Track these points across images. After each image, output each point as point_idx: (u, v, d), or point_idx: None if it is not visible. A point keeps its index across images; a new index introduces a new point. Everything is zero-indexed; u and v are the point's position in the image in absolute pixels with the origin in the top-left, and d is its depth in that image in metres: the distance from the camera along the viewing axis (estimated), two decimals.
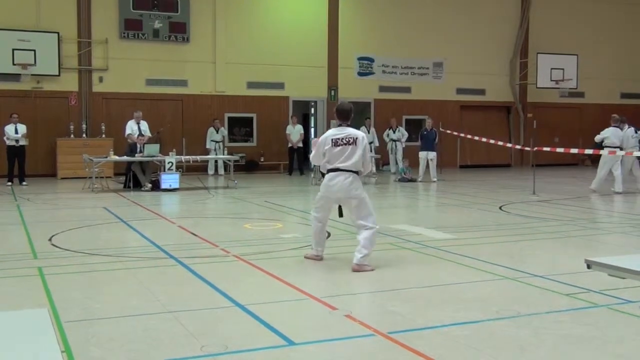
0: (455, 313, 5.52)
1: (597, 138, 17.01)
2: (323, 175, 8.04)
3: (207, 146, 22.10)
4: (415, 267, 7.40)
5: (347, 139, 7.38)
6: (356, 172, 7.42)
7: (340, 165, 7.36)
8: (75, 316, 5.45)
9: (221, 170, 22.20)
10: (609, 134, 16.72)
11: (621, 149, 16.43)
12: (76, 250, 8.35)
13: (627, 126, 17.35)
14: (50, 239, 9.19)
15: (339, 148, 7.39)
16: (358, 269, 7.17)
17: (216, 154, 21.71)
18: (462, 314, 5.51)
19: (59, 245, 8.76)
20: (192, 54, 22.67)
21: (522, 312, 5.57)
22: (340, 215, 7.68)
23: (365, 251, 7.27)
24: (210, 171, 22.26)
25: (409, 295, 6.12)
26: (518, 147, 22.21)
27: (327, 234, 8.97)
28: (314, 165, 19.33)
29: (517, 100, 27.44)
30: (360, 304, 5.87)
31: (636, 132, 17.43)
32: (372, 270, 7.20)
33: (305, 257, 7.89)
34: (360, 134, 7.48)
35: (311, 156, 7.83)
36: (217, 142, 22.16)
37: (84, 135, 20.77)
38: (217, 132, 22.23)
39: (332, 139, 7.41)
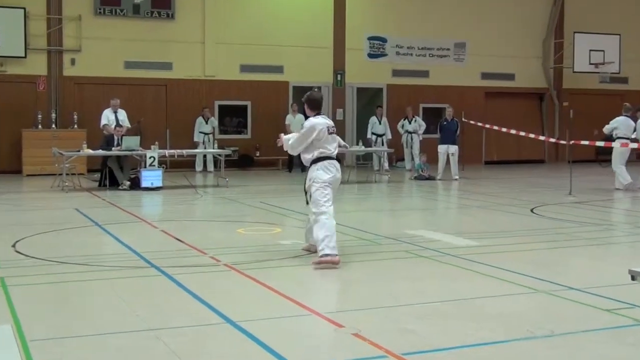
0: (478, 332, 5.51)
1: (607, 129, 17.27)
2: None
3: (195, 139, 22.11)
4: (433, 279, 7.39)
5: (333, 127, 8.47)
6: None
7: (333, 153, 8.46)
8: (42, 334, 5.45)
9: (210, 167, 22.21)
10: (618, 124, 17.01)
11: (636, 140, 16.63)
12: (44, 258, 8.36)
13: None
14: (14, 245, 9.19)
15: (332, 136, 8.44)
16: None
17: (205, 148, 21.72)
18: (486, 333, 5.50)
19: (23, 252, 8.76)
20: (177, 33, 22.67)
21: (556, 330, 5.56)
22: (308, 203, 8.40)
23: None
24: (198, 167, 22.28)
25: (425, 311, 6.10)
26: (552, 140, 22.21)
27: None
28: None
29: (551, 86, 27.40)
30: (370, 321, 5.86)
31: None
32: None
33: (320, 263, 7.80)
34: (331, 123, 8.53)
35: (291, 143, 8.55)
36: (206, 134, 22.17)
37: (54, 125, 20.78)
38: (207, 122, 22.25)
39: (327, 128, 8.35)
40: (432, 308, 6.21)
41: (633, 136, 16.86)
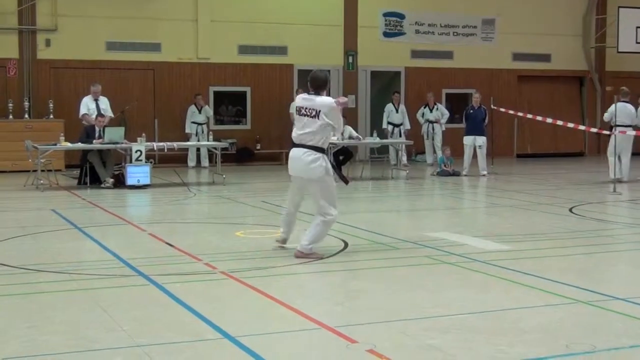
0: (510, 348, 5.51)
1: (606, 116, 17.91)
2: (336, 167, 10.02)
3: (187, 130, 22.15)
4: (459, 288, 7.40)
5: (310, 110, 8.73)
6: (319, 150, 8.74)
7: (296, 138, 8.84)
8: (15, 351, 5.47)
9: (205, 162, 22.25)
10: (615, 110, 17.47)
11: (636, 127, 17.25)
12: (17, 266, 8.39)
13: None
14: None
15: (300, 118, 8.83)
16: (300, 255, 8.71)
17: (198, 140, 21.75)
18: (520, 348, 5.50)
19: None
20: (166, 10, 22.72)
21: (598, 346, 5.56)
22: None
23: (309, 240, 8.73)
24: (191, 162, 22.33)
25: (450, 324, 6.11)
26: (593, 130, 22.13)
27: (344, 245, 9.04)
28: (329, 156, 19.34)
29: (592, 68, 27.34)
30: (386, 336, 5.87)
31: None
32: (321, 258, 8.66)
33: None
34: (327, 103, 8.69)
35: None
36: (199, 124, 22.21)
37: (26, 115, 20.84)
38: (200, 111, 22.29)
39: (297, 107, 8.87)
40: (457, 321, 6.21)
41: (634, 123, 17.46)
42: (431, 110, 23.02)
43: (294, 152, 8.90)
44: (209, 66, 23.21)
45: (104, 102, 18.01)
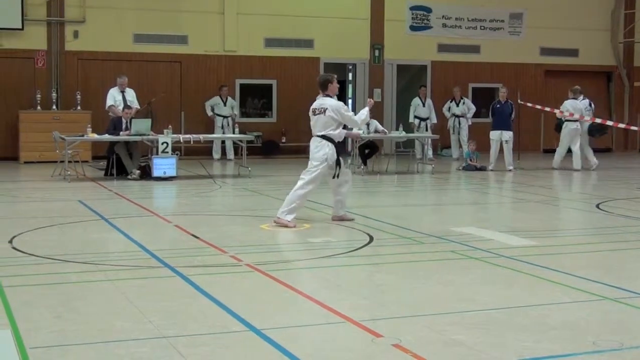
0: (537, 344, 5.49)
1: (557, 113, 20.02)
2: (363, 160, 12.49)
3: (209, 112, 22.06)
4: (485, 283, 7.38)
5: (320, 109, 10.57)
6: (328, 139, 10.55)
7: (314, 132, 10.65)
8: (44, 341, 5.51)
9: (230, 154, 22.28)
10: (567, 107, 19.55)
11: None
12: (44, 256, 8.44)
13: (581, 97, 20.10)
14: (10, 241, 9.29)
15: (314, 117, 10.64)
16: (278, 221, 10.31)
17: (224, 133, 21.79)
18: (545, 345, 5.48)
19: (22, 249, 8.85)
20: (193, 2, 22.75)
21: (626, 343, 5.52)
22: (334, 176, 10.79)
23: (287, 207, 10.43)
24: (216, 155, 22.37)
25: (476, 320, 6.10)
26: (621, 125, 21.98)
27: (369, 238, 9.05)
28: (352, 149, 19.34)
29: (620, 64, 27.13)
30: (412, 330, 5.86)
31: (590, 105, 20.53)
32: (294, 227, 10.14)
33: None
34: (330, 104, 10.55)
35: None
36: (224, 117, 22.23)
37: (54, 107, 20.96)
38: (225, 103, 22.30)
39: (312, 109, 10.68)
40: (483, 317, 6.20)
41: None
42: (457, 105, 22.95)
43: (314, 141, 10.70)
44: (235, 59, 23.23)
45: (131, 94, 18.06)
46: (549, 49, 26.28)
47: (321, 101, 10.64)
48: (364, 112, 10.98)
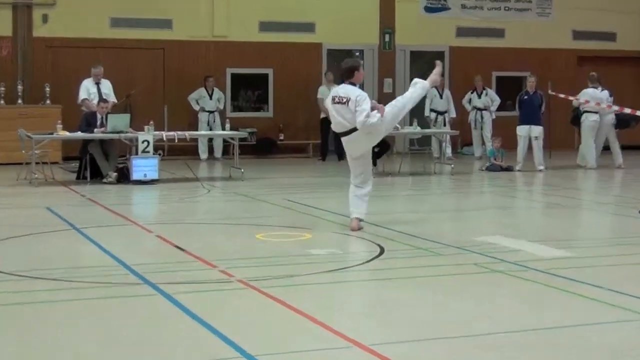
0: None
1: (576, 103, 20.21)
2: (372, 160, 12.54)
3: (194, 107, 22.06)
4: (512, 300, 7.33)
5: (344, 98, 10.51)
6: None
7: (339, 127, 10.70)
8: None
9: (218, 153, 22.24)
10: (587, 96, 19.67)
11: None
12: (8, 272, 8.40)
13: (600, 88, 20.24)
14: None
15: (334, 106, 10.65)
16: (357, 225, 10.77)
17: (210, 129, 21.77)
18: None
19: None
20: None
21: None
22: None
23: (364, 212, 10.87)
24: (203, 154, 22.31)
25: (502, 342, 6.06)
26: None
27: (379, 250, 9.00)
28: None
29: None
30: (428, 355, 5.82)
31: (610, 97, 20.46)
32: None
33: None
34: (355, 94, 10.42)
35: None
36: (210, 112, 22.18)
37: (20, 101, 20.94)
38: (211, 96, 22.25)
39: (332, 96, 10.72)
40: (510, 338, 6.16)
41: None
42: (479, 96, 22.92)
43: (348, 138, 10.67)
44: (226, 45, 23.22)
45: (107, 86, 18.05)
46: (582, 32, 26.27)
47: (346, 89, 10.58)
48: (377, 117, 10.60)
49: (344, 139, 10.73)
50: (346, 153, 11.06)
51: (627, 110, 19.58)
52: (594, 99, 19.61)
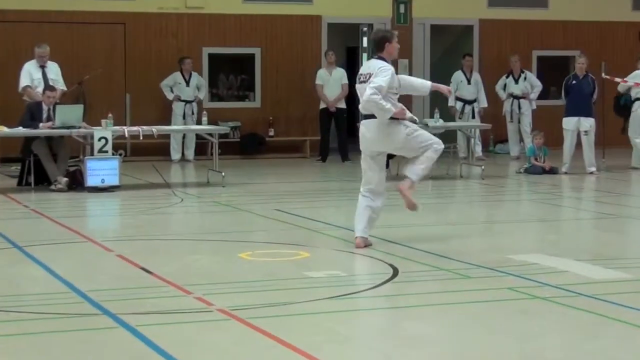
0: None
1: (622, 87, 20.41)
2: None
3: (168, 96, 22.04)
4: (558, 333, 7.36)
5: (366, 75, 10.74)
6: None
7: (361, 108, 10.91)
8: None
9: (190, 153, 22.18)
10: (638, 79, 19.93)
11: None
12: None
13: None
14: None
15: (359, 86, 10.88)
16: (405, 187, 10.86)
17: (185, 123, 21.76)
18: None
19: None
20: None
21: None
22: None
23: (415, 177, 10.95)
24: (176, 154, 22.28)
25: None
26: None
27: (392, 271, 9.08)
28: None
29: None
30: None
31: None
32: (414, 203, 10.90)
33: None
34: (375, 64, 10.73)
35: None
36: (187, 102, 22.18)
37: None
38: (188, 82, 22.24)
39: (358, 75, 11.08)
40: None
41: None
42: (516, 81, 22.92)
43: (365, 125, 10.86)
44: (203, 19, 23.22)
45: (54, 71, 18.00)
46: None
47: (370, 64, 10.92)
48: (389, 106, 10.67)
49: (360, 127, 10.95)
50: (360, 147, 11.09)
51: None
52: None
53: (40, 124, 16.62)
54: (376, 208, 10.91)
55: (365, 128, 10.79)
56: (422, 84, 11.72)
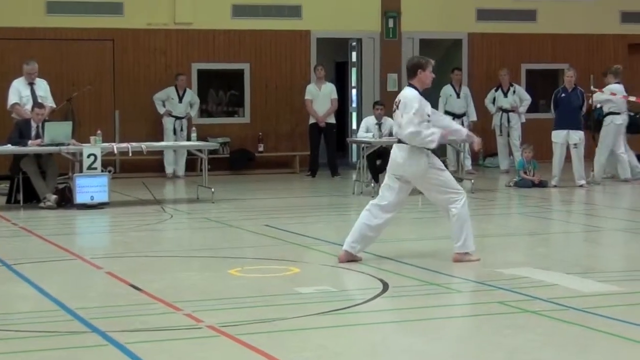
0: None
1: (600, 98, 20.17)
2: (373, 175, 14.55)
3: (159, 110, 22.00)
4: (548, 347, 7.36)
5: (397, 103, 10.96)
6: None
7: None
8: None
9: (180, 169, 22.12)
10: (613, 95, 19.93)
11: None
12: None
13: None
14: None
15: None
16: (459, 258, 10.75)
17: (176, 139, 21.75)
18: None
19: None
20: None
21: None
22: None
23: (458, 243, 10.73)
24: (170, 169, 22.16)
25: None
26: None
27: (382, 286, 9.04)
28: (358, 160, 19.34)
29: None
30: None
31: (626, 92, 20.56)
32: (478, 260, 10.75)
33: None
34: (404, 94, 10.94)
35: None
36: (178, 118, 22.18)
37: None
38: (181, 99, 22.22)
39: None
40: None
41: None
42: (505, 94, 22.94)
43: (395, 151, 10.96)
44: (191, 35, 23.23)
45: (43, 87, 17.96)
46: (633, 14, 26.32)
47: (403, 93, 11.07)
48: (434, 134, 10.81)
49: (392, 148, 11.05)
50: (387, 166, 11.13)
51: None
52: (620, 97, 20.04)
53: (29, 141, 16.60)
54: (375, 226, 10.85)
55: (394, 151, 10.90)
56: (456, 131, 11.93)
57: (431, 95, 23.73)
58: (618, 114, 19.90)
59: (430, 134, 10.59)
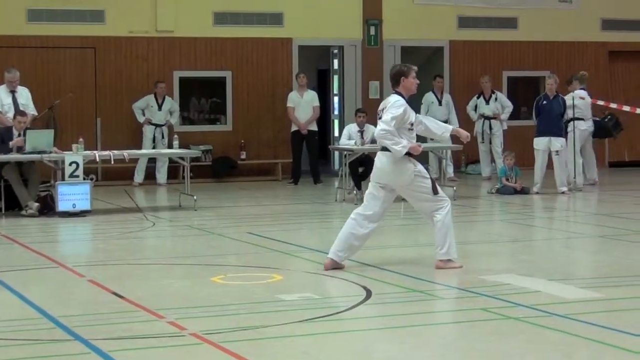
0: None
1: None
2: (356, 183, 14.45)
3: (140, 120, 21.95)
4: (530, 353, 7.36)
5: (380, 109, 11.08)
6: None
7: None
8: None
9: (162, 177, 22.07)
10: (579, 101, 20.28)
11: None
12: None
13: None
14: None
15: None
16: (442, 265, 10.81)
17: (155, 147, 21.71)
18: None
19: None
20: None
21: None
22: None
23: (442, 250, 10.80)
24: (138, 177, 21.94)
25: None
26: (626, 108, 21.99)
27: (366, 294, 9.03)
28: (340, 167, 19.33)
29: None
30: None
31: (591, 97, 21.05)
32: (461, 267, 10.82)
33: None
34: (389, 99, 11.07)
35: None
36: (158, 126, 22.14)
37: None
38: (160, 106, 22.20)
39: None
40: None
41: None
42: (487, 102, 22.98)
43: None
44: (173, 42, 23.21)
45: (24, 95, 17.93)
46: (613, 21, 26.39)
47: (386, 100, 11.22)
48: (403, 146, 10.83)
49: (376, 156, 11.16)
50: (371, 175, 11.24)
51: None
52: (586, 103, 20.29)
53: (11, 142, 16.56)
54: (360, 235, 10.87)
55: (378, 159, 10.96)
56: (441, 134, 12.14)
57: (413, 102, 23.73)
58: (582, 119, 20.15)
59: (399, 142, 10.69)
